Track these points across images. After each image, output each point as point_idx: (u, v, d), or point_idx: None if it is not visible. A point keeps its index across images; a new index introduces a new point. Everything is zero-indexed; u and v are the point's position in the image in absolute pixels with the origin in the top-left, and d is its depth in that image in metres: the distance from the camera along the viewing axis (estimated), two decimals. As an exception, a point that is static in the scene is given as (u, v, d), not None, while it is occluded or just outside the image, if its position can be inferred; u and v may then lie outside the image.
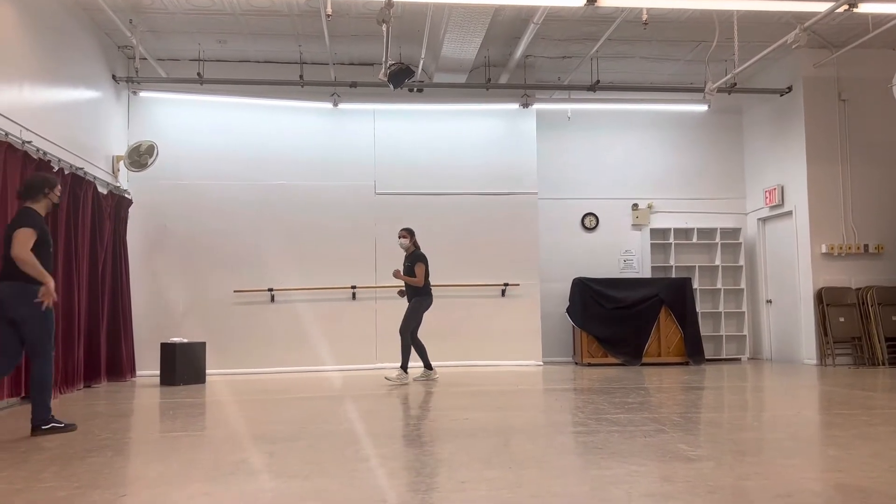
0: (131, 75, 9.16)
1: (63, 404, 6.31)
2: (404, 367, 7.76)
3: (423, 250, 8.09)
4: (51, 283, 4.70)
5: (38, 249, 4.68)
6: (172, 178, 9.47)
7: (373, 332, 9.51)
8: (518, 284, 9.93)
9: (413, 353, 7.87)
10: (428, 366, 8.00)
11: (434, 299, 8.07)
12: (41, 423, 4.67)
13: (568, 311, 10.26)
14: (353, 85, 9.46)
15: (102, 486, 3.20)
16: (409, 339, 7.80)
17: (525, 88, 9.99)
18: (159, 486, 3.24)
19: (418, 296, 7.89)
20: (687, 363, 9.89)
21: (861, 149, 9.80)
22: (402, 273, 7.88)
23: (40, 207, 4.92)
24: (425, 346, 7.99)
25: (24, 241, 4.61)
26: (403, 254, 8.08)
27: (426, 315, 8.03)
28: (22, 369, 6.21)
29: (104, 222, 8.15)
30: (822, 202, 9.71)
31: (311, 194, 9.77)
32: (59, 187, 5.10)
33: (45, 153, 6.79)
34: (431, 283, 7.96)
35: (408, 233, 8.02)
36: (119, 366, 8.36)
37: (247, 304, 9.52)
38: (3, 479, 3.36)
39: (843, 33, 9.19)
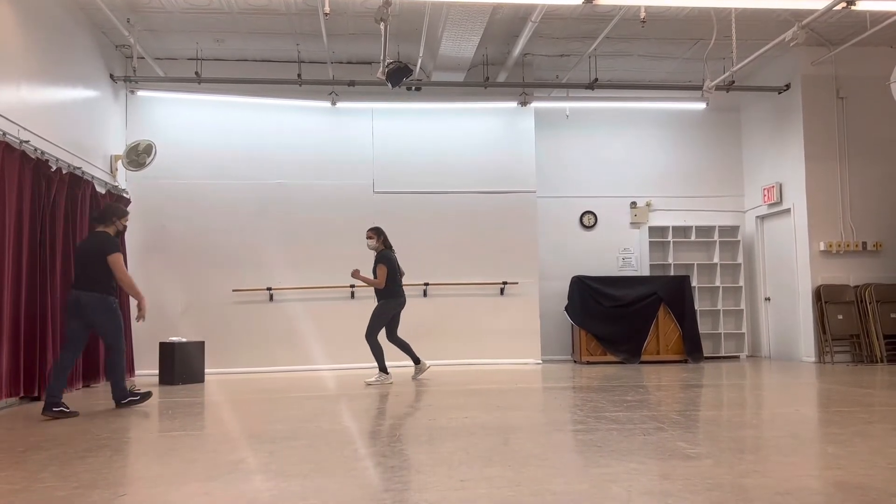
0: (129, 74, 9.15)
1: (62, 404, 6.30)
2: (382, 368, 7.63)
3: (394, 249, 7.90)
4: (145, 301, 5.87)
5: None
6: (170, 177, 9.47)
7: (372, 331, 9.50)
8: (517, 283, 9.94)
9: (403, 354, 7.85)
10: (416, 360, 7.89)
11: (408, 299, 7.84)
12: (120, 399, 5.88)
13: (567, 309, 10.27)
14: (352, 84, 9.45)
15: (101, 485, 3.20)
16: (376, 341, 7.60)
17: (523, 87, 9.99)
18: (158, 485, 3.23)
19: (383, 298, 7.67)
20: (686, 361, 9.90)
21: (859, 146, 9.81)
22: (360, 273, 7.66)
23: (109, 231, 5.91)
24: (409, 343, 7.84)
25: (122, 266, 5.76)
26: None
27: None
28: (21, 370, 6.21)
29: (102, 222, 8.13)
30: (821, 200, 9.72)
31: (309, 193, 9.77)
32: (128, 217, 6.13)
33: (42, 153, 6.78)
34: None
35: (374, 233, 7.79)
36: (118, 365, 8.35)
37: (245, 304, 9.51)
38: (3, 478, 3.36)
39: (841, 31, 9.19)
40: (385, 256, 7.68)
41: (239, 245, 9.57)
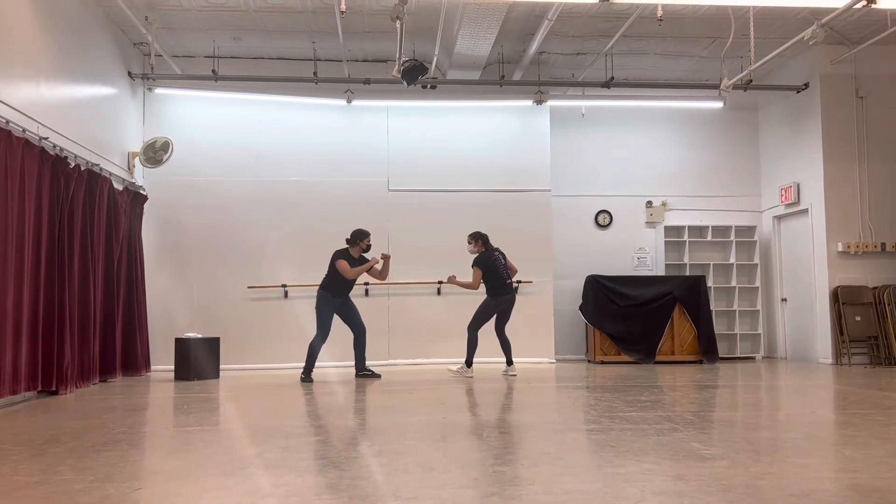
0: (147, 72, 9.22)
1: (79, 398, 6.37)
2: (468, 362, 8.03)
3: (499, 249, 8.25)
4: (373, 264, 7.83)
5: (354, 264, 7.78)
6: (187, 174, 9.53)
7: (385, 329, 9.52)
8: (531, 282, 9.91)
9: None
10: (509, 362, 8.20)
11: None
12: (304, 375, 7.68)
13: (581, 308, 10.24)
14: (367, 82, 9.46)
15: (118, 479, 3.23)
16: (474, 335, 8.06)
17: (539, 85, 9.96)
18: (174, 479, 3.26)
19: (487, 295, 8.11)
20: (701, 361, 9.84)
21: (878, 146, 9.70)
22: (456, 278, 8.17)
23: (354, 251, 7.79)
24: (509, 342, 8.22)
25: (345, 268, 7.65)
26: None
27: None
28: (39, 364, 6.28)
29: (119, 218, 8.21)
30: (839, 200, 9.62)
31: (324, 191, 9.80)
32: (369, 239, 7.84)
33: (61, 149, 6.85)
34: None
35: (472, 238, 8.21)
36: (134, 360, 8.43)
37: (261, 300, 9.56)
38: (21, 471, 3.40)
39: (861, 29, 9.09)
40: (479, 259, 8.08)
41: (254, 242, 9.62)
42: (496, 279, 8.06)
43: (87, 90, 7.92)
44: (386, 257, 7.91)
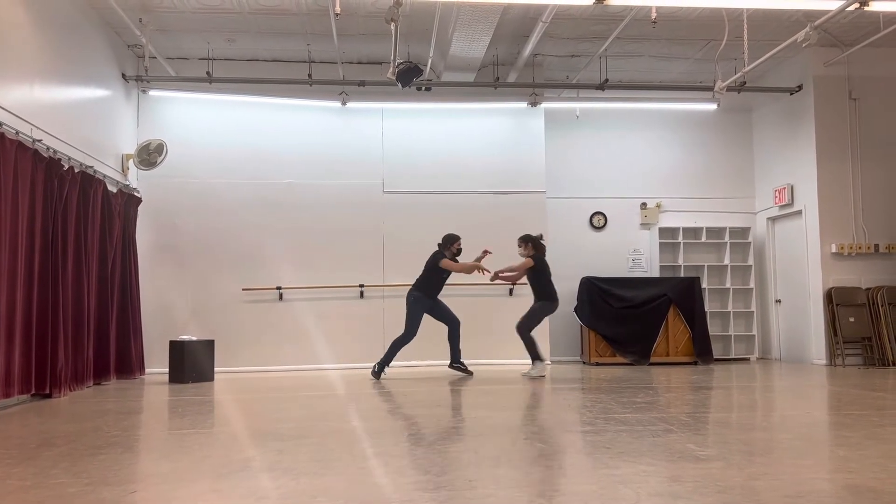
0: (141, 74, 9.20)
1: (73, 401, 6.35)
2: (539, 357, 8.16)
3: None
4: (471, 269, 8.06)
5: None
6: (181, 176, 9.51)
7: (380, 331, 9.51)
8: (526, 284, 9.89)
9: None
10: (536, 357, 8.27)
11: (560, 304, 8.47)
12: (377, 369, 7.98)
13: (576, 310, 10.25)
14: (362, 84, 9.46)
15: (112, 482, 3.22)
16: (528, 334, 8.16)
17: (533, 87, 9.98)
18: (169, 482, 3.25)
19: (541, 300, 8.24)
20: (695, 363, 9.86)
21: (872, 148, 9.74)
22: (501, 273, 8.34)
23: (448, 253, 8.10)
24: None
25: (450, 264, 7.99)
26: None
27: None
28: (33, 367, 6.25)
29: (114, 220, 8.18)
30: (833, 201, 9.66)
31: (319, 193, 9.79)
32: (459, 242, 8.22)
33: (55, 152, 6.82)
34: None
35: (521, 242, 8.39)
36: (128, 363, 8.40)
37: (255, 303, 9.55)
38: (14, 475, 3.38)
39: (854, 32, 9.14)
40: (536, 256, 8.27)
41: (249, 244, 9.60)
42: (551, 286, 8.26)
43: (81, 92, 7.90)
44: (486, 253, 8.26)
